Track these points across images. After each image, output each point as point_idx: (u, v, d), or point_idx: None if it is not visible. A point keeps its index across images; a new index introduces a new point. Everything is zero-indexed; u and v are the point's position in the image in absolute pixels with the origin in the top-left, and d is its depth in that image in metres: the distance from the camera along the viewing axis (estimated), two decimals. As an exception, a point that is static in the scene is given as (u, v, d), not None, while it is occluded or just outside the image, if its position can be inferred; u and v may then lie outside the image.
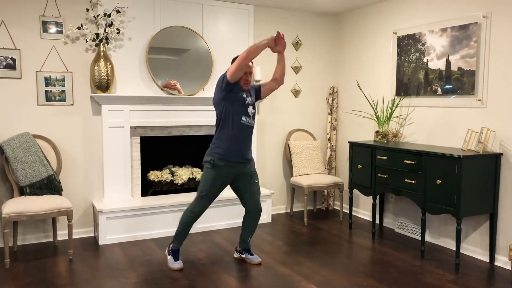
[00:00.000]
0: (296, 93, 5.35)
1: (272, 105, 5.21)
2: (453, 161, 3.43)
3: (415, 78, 4.34)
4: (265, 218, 4.84)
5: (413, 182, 3.78)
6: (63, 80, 4.14)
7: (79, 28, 4.11)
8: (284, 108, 5.31)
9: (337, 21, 5.48)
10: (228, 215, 4.57)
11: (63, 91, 4.15)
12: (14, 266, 3.50)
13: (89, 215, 4.35)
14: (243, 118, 3.33)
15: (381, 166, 4.13)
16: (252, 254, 3.66)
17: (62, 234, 4.12)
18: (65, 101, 4.17)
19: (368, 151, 4.28)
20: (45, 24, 4.05)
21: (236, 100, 3.31)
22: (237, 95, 3.31)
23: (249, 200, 3.52)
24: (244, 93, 3.37)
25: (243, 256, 3.67)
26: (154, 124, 4.45)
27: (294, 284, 3.21)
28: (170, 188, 4.66)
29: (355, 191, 4.87)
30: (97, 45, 4.14)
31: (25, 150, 3.81)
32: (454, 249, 3.72)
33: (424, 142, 4.26)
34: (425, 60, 4.23)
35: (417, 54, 4.31)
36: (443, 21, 4.04)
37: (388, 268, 3.53)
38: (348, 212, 4.71)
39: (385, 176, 4.08)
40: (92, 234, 4.36)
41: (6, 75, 3.92)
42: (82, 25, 4.12)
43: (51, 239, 4.15)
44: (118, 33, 4.23)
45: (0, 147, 3.81)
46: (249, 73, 3.35)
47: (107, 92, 4.16)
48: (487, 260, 3.69)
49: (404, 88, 4.47)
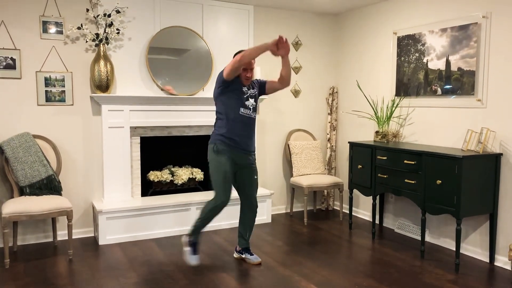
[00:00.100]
0: (296, 93, 5.35)
1: (272, 105, 5.20)
2: (453, 161, 3.43)
3: (415, 78, 4.34)
4: (265, 218, 4.84)
5: (413, 182, 3.78)
6: (63, 80, 4.14)
7: (79, 28, 4.11)
8: (284, 108, 5.31)
9: (337, 21, 5.47)
10: (228, 215, 4.56)
11: (63, 91, 4.15)
12: (14, 266, 3.50)
13: (89, 215, 4.35)
14: (241, 110, 3.39)
15: (381, 166, 4.12)
16: (252, 254, 3.66)
17: (62, 234, 4.12)
18: (65, 101, 4.17)
19: (368, 151, 4.28)
20: (45, 24, 4.05)
21: (234, 94, 3.37)
22: (235, 89, 3.37)
23: (248, 195, 3.58)
24: (245, 87, 3.42)
25: (243, 256, 3.67)
26: (154, 124, 4.45)
27: (294, 284, 3.21)
28: (170, 188, 4.67)
29: (355, 191, 4.87)
30: (97, 45, 4.14)
31: (25, 150, 3.81)
32: (454, 249, 3.71)
33: (424, 142, 4.25)
34: (425, 60, 4.22)
35: (417, 54, 4.31)
36: (443, 21, 4.04)
37: (388, 268, 3.53)
38: (348, 212, 4.71)
39: (385, 176, 4.08)
40: (92, 234, 4.36)
41: (6, 75, 3.93)
42: (82, 25, 4.12)
43: (51, 239, 4.15)
44: (118, 33, 4.23)
45: (0, 147, 3.81)
46: (250, 70, 3.39)
47: (107, 92, 4.16)
48: (487, 260, 3.69)
49: (404, 88, 4.47)
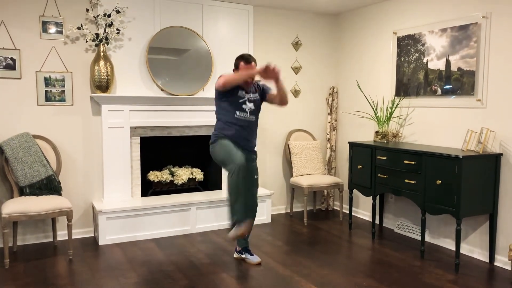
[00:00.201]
0: (296, 94, 5.35)
1: (272, 105, 5.18)
2: (453, 161, 3.43)
3: (415, 79, 4.34)
4: (265, 218, 4.84)
5: (413, 182, 3.77)
6: (63, 80, 4.14)
7: (79, 28, 4.11)
8: (284, 108, 5.29)
9: (337, 22, 5.47)
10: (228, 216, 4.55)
11: (63, 91, 4.15)
12: (14, 266, 3.50)
13: (89, 215, 4.35)
14: (237, 113, 3.39)
15: (381, 167, 4.12)
16: (252, 254, 3.66)
17: (62, 234, 4.12)
18: (65, 101, 4.17)
19: (368, 152, 4.28)
20: (45, 24, 4.05)
21: (230, 98, 3.38)
22: (232, 94, 3.38)
23: (248, 193, 3.54)
24: (243, 90, 3.42)
25: (243, 256, 3.67)
26: (154, 124, 4.45)
27: (294, 284, 3.21)
28: (170, 188, 4.67)
29: (355, 191, 4.87)
30: (97, 45, 4.13)
31: (25, 150, 3.81)
32: (454, 249, 3.72)
33: (424, 142, 4.25)
34: (425, 61, 4.22)
35: (417, 55, 4.31)
36: (443, 22, 4.04)
37: (388, 268, 3.53)
38: (348, 212, 4.71)
39: (385, 176, 4.08)
40: (92, 234, 4.36)
41: (6, 75, 3.92)
42: (82, 25, 4.12)
43: (51, 239, 4.15)
44: (118, 33, 4.23)
45: (0, 147, 3.81)
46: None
47: (107, 92, 4.16)
48: (487, 260, 3.69)
49: (404, 89, 4.47)
